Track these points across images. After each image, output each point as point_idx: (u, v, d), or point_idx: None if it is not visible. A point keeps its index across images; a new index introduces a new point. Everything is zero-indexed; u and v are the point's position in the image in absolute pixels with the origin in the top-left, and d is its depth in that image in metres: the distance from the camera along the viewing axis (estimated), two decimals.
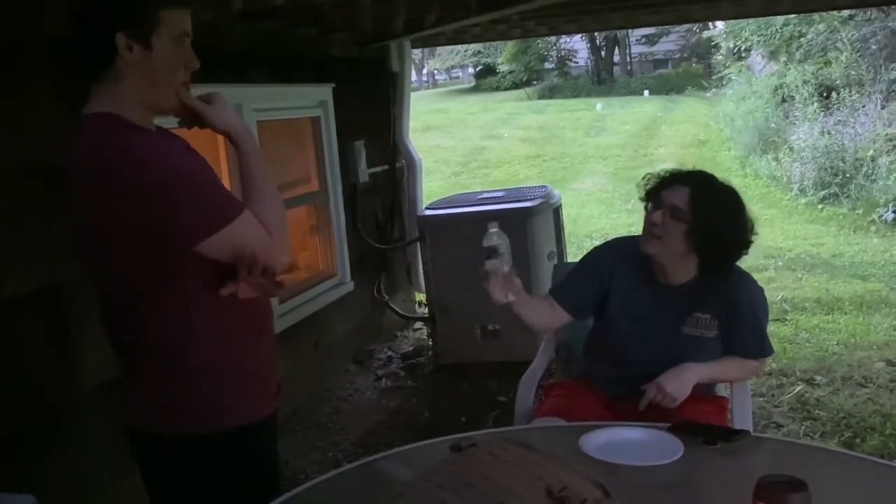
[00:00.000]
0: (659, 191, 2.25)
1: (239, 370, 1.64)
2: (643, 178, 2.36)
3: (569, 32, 16.74)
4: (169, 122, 1.71)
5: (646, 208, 2.28)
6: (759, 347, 2.33)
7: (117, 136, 1.49)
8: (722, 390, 2.53)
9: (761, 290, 2.35)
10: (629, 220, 8.12)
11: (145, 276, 1.53)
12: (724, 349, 2.30)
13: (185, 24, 1.55)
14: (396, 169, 5.76)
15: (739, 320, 2.27)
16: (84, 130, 1.53)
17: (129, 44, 1.49)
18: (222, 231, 1.49)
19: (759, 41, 14.73)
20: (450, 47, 27.60)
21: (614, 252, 2.42)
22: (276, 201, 1.65)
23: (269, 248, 1.55)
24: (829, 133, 10.96)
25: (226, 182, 3.13)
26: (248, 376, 1.66)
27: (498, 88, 27.62)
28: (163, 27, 1.51)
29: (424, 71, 36.15)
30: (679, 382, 2.17)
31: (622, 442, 1.85)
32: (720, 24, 17.32)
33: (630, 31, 26.13)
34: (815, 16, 12.04)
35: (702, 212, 2.16)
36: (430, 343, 5.20)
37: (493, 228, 2.13)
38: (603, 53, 28.54)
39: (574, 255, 5.37)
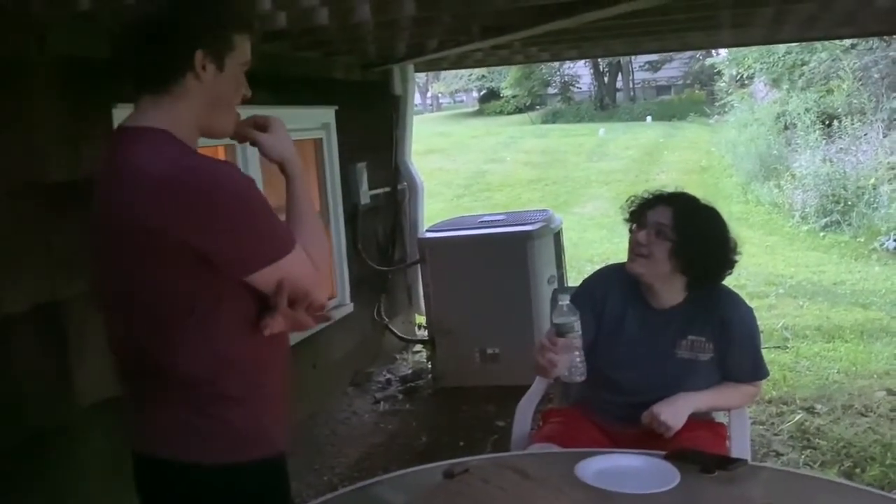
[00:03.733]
0: (643, 211, 2.29)
1: (267, 400, 1.59)
2: (627, 200, 2.40)
3: (571, 58, 16.86)
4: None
5: (630, 230, 2.32)
6: (754, 369, 2.33)
7: (181, 154, 1.45)
8: (721, 417, 2.51)
9: (751, 309, 2.36)
10: None
11: (188, 300, 1.47)
12: (720, 372, 2.29)
13: (248, 52, 1.56)
14: (398, 191, 5.77)
15: (734, 341, 2.27)
16: (136, 142, 1.47)
17: (204, 63, 1.48)
18: (276, 263, 1.47)
19: (761, 69, 14.82)
20: (454, 71, 27.76)
21: (605, 279, 2.43)
22: (322, 237, 1.63)
23: (316, 284, 1.54)
24: (830, 161, 11.00)
25: None
26: (274, 406, 1.62)
27: (501, 112, 27.72)
28: (236, 51, 1.52)
29: (428, 94, 36.31)
30: (673, 411, 2.17)
31: (618, 469, 1.83)
32: (723, 52, 17.41)
33: (633, 57, 26.25)
34: (818, 44, 12.11)
35: (686, 230, 2.21)
36: (430, 366, 5.18)
37: (565, 302, 2.00)
38: (606, 79, 28.66)
39: (574, 279, 5.37)
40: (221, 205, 1.42)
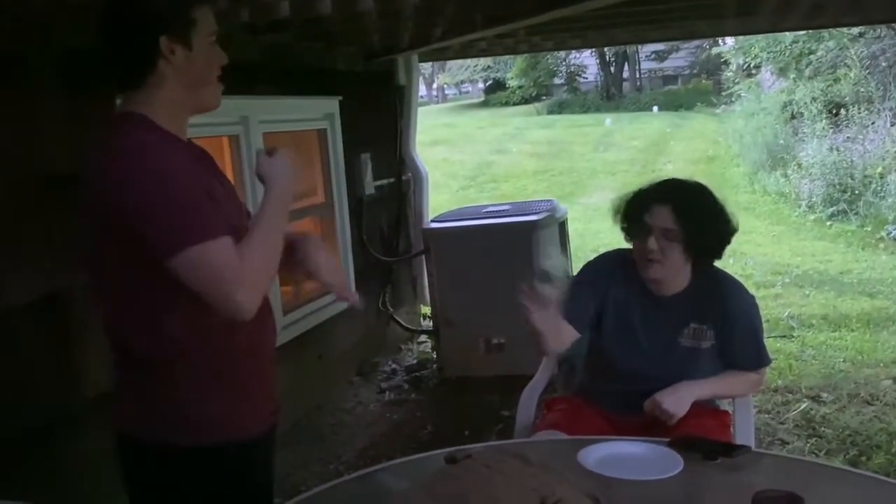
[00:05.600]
0: (641, 217, 2.24)
1: (230, 386, 1.61)
2: (614, 207, 2.36)
3: (575, 47, 16.78)
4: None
5: (626, 232, 2.31)
6: (756, 357, 2.33)
7: (125, 133, 1.50)
8: (725, 405, 2.51)
9: (753, 297, 2.36)
10: None
11: (141, 281, 1.52)
12: (722, 360, 2.29)
13: (213, 21, 1.59)
14: (402, 182, 5.77)
15: (736, 328, 2.27)
16: (111, 128, 1.55)
17: (172, 47, 1.52)
18: (192, 248, 1.44)
19: (768, 58, 14.72)
20: (460, 62, 27.70)
21: (605, 265, 2.42)
22: (271, 250, 1.57)
23: (229, 281, 1.47)
24: (837, 150, 10.94)
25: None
26: (240, 393, 1.63)
27: (507, 103, 27.65)
28: (198, 26, 1.55)
29: (434, 85, 36.23)
30: (676, 399, 2.16)
31: (621, 456, 1.84)
32: (730, 41, 17.32)
33: (640, 46, 26.15)
34: (825, 33, 12.03)
35: (690, 223, 2.19)
36: (435, 356, 5.19)
37: (553, 256, 2.01)
38: (612, 69, 28.54)
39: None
40: (144, 186, 1.44)
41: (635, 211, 2.27)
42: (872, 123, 11.04)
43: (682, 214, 2.19)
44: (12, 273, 2.56)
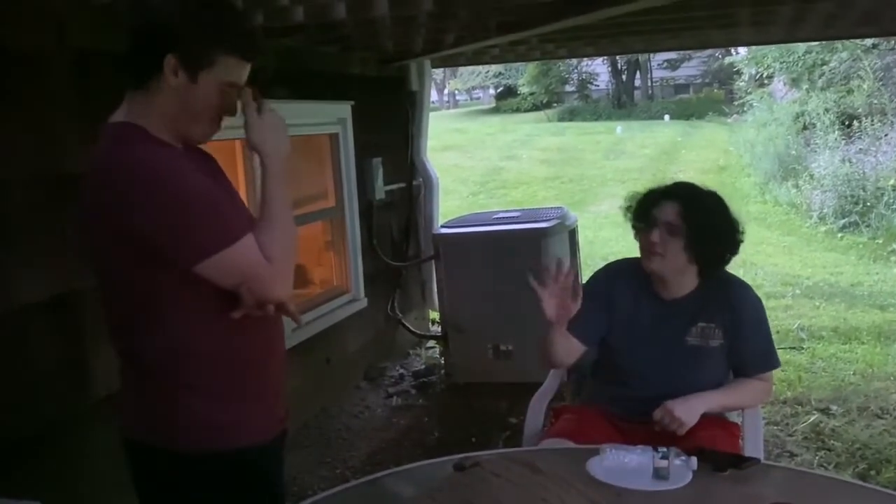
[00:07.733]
0: (649, 210, 2.28)
1: (237, 392, 1.60)
2: (627, 199, 2.39)
3: (588, 55, 16.83)
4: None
5: (634, 227, 2.33)
6: (766, 358, 2.32)
7: (129, 146, 1.49)
8: (734, 417, 2.50)
9: (760, 298, 2.36)
10: None
11: (145, 288, 1.51)
12: (732, 363, 2.29)
13: (238, 75, 1.55)
14: (413, 187, 5.78)
15: (744, 326, 2.27)
16: (101, 138, 1.54)
17: (177, 69, 1.49)
18: (219, 255, 1.47)
19: (781, 68, 14.69)
20: (471, 68, 27.73)
21: (611, 274, 2.44)
22: (288, 232, 1.60)
23: (264, 278, 1.52)
24: (850, 161, 10.91)
25: (243, 195, 3.15)
26: (246, 399, 1.62)
27: (518, 110, 27.66)
28: (215, 69, 1.52)
29: (445, 91, 36.27)
30: (688, 408, 2.16)
31: (630, 466, 1.83)
32: (742, 51, 17.29)
33: (652, 55, 26.14)
34: (838, 44, 12.00)
35: (695, 222, 2.22)
36: (442, 362, 5.18)
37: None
38: (624, 77, 28.53)
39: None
40: (156, 196, 1.44)
41: (645, 205, 2.31)
42: (885, 135, 11.00)
43: (689, 213, 2.23)
44: (25, 272, 2.57)
